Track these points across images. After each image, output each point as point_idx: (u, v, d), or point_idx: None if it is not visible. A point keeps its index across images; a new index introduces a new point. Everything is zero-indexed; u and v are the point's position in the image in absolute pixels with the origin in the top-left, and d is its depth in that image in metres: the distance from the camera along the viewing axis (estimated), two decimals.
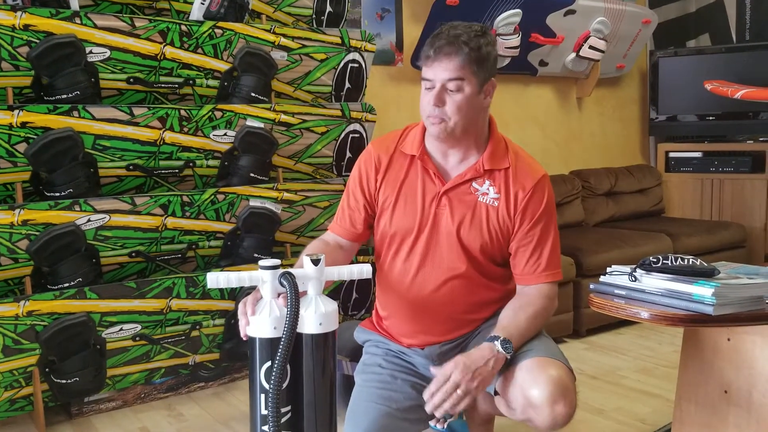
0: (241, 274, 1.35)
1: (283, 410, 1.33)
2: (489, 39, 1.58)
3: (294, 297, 1.28)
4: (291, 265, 1.43)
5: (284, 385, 1.33)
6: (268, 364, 1.30)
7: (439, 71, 1.54)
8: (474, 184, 1.65)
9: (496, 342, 1.51)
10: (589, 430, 2.15)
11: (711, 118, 4.27)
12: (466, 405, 1.46)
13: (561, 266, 1.71)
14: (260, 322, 1.32)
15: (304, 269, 1.37)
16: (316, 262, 1.36)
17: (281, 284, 1.31)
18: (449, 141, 1.63)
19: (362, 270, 1.44)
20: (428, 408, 1.47)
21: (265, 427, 1.31)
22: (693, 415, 1.91)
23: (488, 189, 1.64)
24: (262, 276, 1.34)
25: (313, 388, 1.36)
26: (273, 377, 1.25)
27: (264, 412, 1.31)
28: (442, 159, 1.68)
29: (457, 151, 1.66)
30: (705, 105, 4.26)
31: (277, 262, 1.35)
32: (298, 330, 1.33)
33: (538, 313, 1.61)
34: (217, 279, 1.36)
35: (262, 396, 1.31)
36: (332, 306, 1.36)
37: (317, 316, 1.33)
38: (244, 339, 1.37)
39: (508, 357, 1.51)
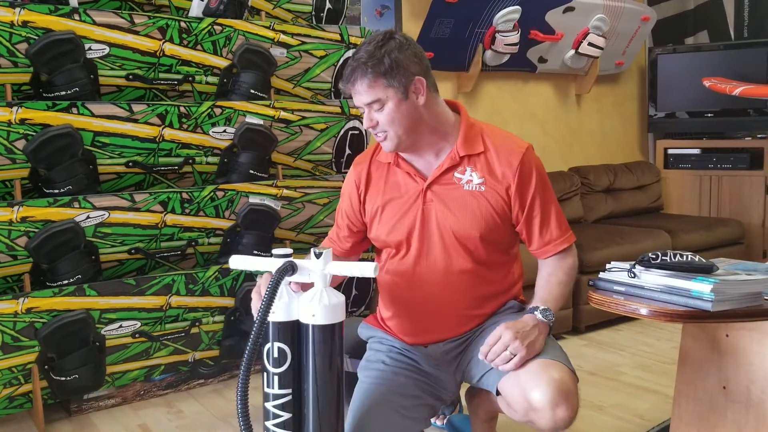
0: (260, 259, 1.47)
1: (282, 392, 1.42)
2: (393, 44, 1.56)
3: (274, 282, 1.36)
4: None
5: (283, 368, 1.42)
6: (268, 345, 1.41)
7: (357, 98, 1.59)
8: (456, 173, 1.65)
9: (536, 312, 1.58)
10: (588, 426, 2.15)
11: (709, 114, 4.28)
12: (515, 365, 1.51)
13: (569, 227, 1.74)
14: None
15: (310, 261, 1.41)
16: (319, 255, 1.40)
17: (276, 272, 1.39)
18: (406, 149, 1.66)
19: (366, 268, 1.47)
20: (484, 359, 1.55)
21: (267, 404, 1.42)
22: (692, 410, 1.92)
23: (471, 176, 1.65)
24: (275, 263, 1.42)
25: (316, 377, 1.41)
26: (246, 353, 1.33)
27: (266, 389, 1.43)
28: (418, 160, 1.69)
29: (427, 150, 1.68)
30: (703, 102, 4.27)
31: (289, 251, 1.44)
32: (302, 320, 1.38)
33: (566, 279, 1.68)
34: (238, 261, 1.49)
35: (264, 374, 1.42)
36: (339, 298, 1.40)
37: (321, 307, 1.38)
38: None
39: (551, 324, 1.58)
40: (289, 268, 1.40)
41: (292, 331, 1.42)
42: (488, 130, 1.70)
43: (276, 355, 1.41)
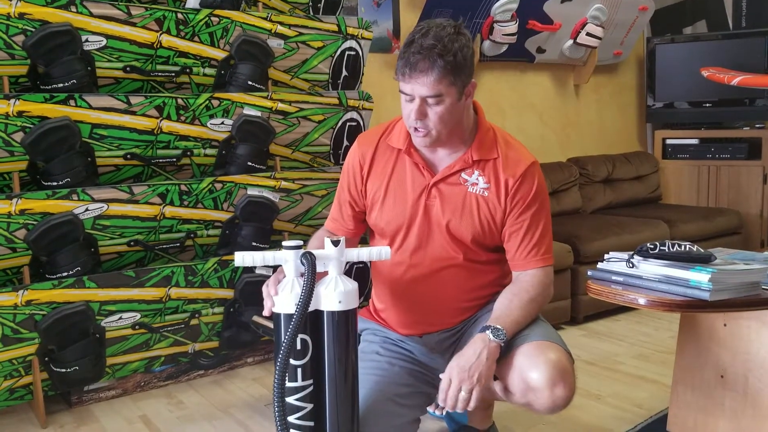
0: (266, 253, 1.44)
1: (304, 383, 1.43)
2: (464, 40, 1.50)
3: (311, 274, 1.36)
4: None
5: (305, 359, 1.42)
6: None
7: (417, 87, 1.49)
8: (463, 174, 1.65)
9: (487, 331, 1.53)
10: (586, 415, 2.16)
11: (707, 105, 4.28)
12: (477, 399, 1.48)
13: (553, 253, 1.70)
14: (283, 299, 1.41)
15: (325, 250, 1.41)
16: (336, 243, 1.41)
17: (302, 263, 1.39)
18: (435, 146, 1.63)
19: (381, 251, 1.49)
20: (446, 408, 1.52)
21: (289, 398, 1.41)
22: (689, 399, 1.93)
23: (477, 179, 1.64)
24: (285, 256, 1.42)
25: (334, 364, 1.44)
26: (282, 348, 1.32)
27: (288, 384, 1.41)
28: (430, 153, 1.68)
29: (445, 146, 1.66)
30: (701, 92, 4.26)
31: (299, 242, 1.43)
32: (320, 308, 1.39)
33: (533, 298, 1.62)
34: (243, 258, 1.45)
35: None
36: (352, 285, 1.42)
37: (338, 294, 1.40)
38: (268, 315, 1.47)
39: (502, 344, 1.52)
40: (314, 260, 1.40)
41: (313, 322, 1.43)
42: (502, 137, 1.69)
43: (299, 347, 1.41)
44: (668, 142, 4.46)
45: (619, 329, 3.12)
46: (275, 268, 1.51)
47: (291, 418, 1.43)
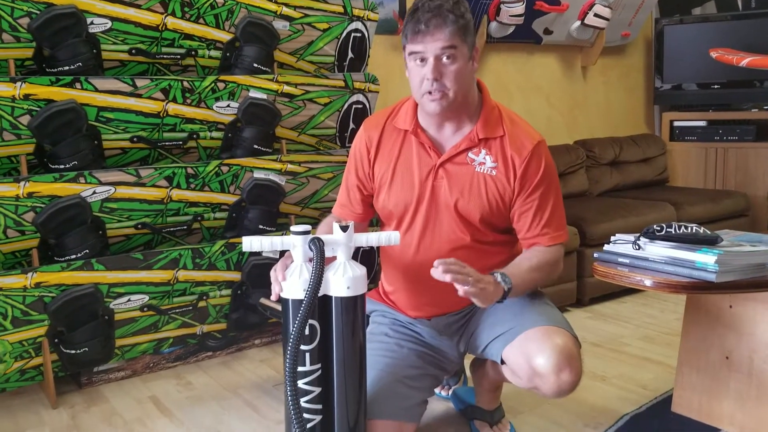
0: (274, 238, 1.44)
1: (313, 368, 1.44)
2: (465, 5, 1.58)
3: (319, 259, 1.36)
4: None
5: (314, 344, 1.43)
6: None
7: (431, 43, 1.52)
8: (470, 154, 1.64)
9: (496, 274, 1.52)
10: (591, 396, 2.18)
11: (716, 86, 4.24)
12: (462, 283, 1.40)
13: (566, 228, 1.70)
14: (292, 285, 1.41)
15: (334, 235, 1.42)
16: (344, 228, 1.41)
17: (310, 249, 1.39)
18: (448, 114, 1.61)
19: (390, 236, 1.49)
20: (438, 267, 1.41)
21: (298, 382, 1.42)
22: (694, 380, 1.94)
23: (485, 158, 1.64)
24: (293, 241, 1.42)
25: (342, 349, 1.45)
26: (293, 333, 1.33)
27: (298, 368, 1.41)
28: (437, 132, 1.67)
29: (451, 123, 1.65)
30: (710, 73, 4.23)
31: (307, 228, 1.43)
32: (329, 293, 1.40)
33: (541, 265, 1.62)
34: (251, 242, 1.44)
35: None
36: (361, 271, 1.42)
37: (346, 279, 1.40)
38: (275, 300, 1.47)
39: (506, 289, 1.50)
40: (323, 246, 1.40)
41: (321, 307, 1.44)
42: (507, 115, 1.68)
43: (308, 332, 1.42)
44: (676, 124, 4.43)
45: (625, 311, 3.12)
46: (282, 252, 1.52)
47: (301, 401, 1.45)
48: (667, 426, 1.93)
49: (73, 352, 2.24)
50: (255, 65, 2.62)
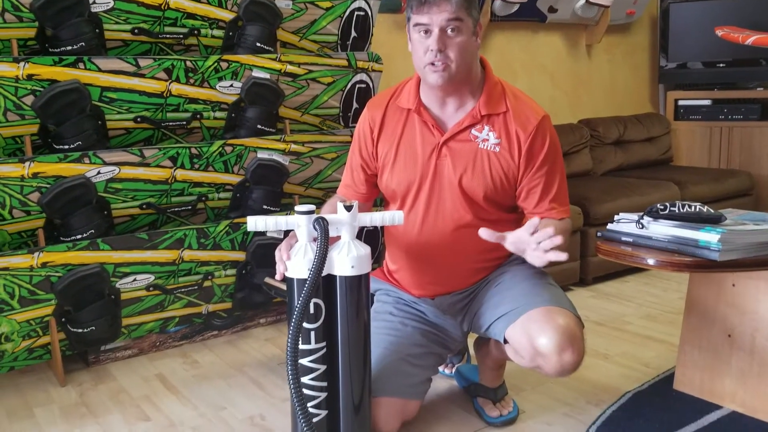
0: (278, 218, 1.45)
1: (317, 346, 1.46)
2: None
3: (323, 239, 1.37)
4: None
5: (318, 323, 1.44)
6: None
7: (437, 14, 1.52)
8: (473, 131, 1.64)
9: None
10: (594, 374, 2.19)
11: (721, 65, 4.21)
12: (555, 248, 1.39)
13: (569, 204, 1.72)
14: (296, 264, 1.42)
15: (338, 214, 1.42)
16: (348, 208, 1.42)
17: (314, 228, 1.40)
18: (450, 87, 1.61)
19: (394, 216, 1.50)
20: (550, 250, 1.39)
21: (303, 359, 1.44)
22: (696, 358, 1.95)
23: (488, 135, 1.64)
24: (298, 221, 1.43)
25: (347, 327, 1.47)
26: (296, 312, 1.34)
27: (302, 346, 1.44)
28: (439, 110, 1.67)
29: (454, 99, 1.65)
30: (715, 52, 4.19)
31: (312, 207, 1.44)
32: (333, 272, 1.41)
33: (564, 231, 1.62)
34: (255, 222, 1.45)
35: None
36: (365, 250, 1.43)
37: (350, 258, 1.41)
38: (280, 279, 1.49)
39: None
40: (327, 225, 1.40)
41: (325, 286, 1.45)
42: (510, 91, 1.68)
43: (312, 311, 1.43)
44: (680, 103, 4.40)
45: (628, 290, 3.13)
46: (287, 231, 1.53)
47: (305, 379, 1.46)
48: (669, 404, 1.94)
49: (80, 330, 2.26)
50: (258, 44, 2.61)
